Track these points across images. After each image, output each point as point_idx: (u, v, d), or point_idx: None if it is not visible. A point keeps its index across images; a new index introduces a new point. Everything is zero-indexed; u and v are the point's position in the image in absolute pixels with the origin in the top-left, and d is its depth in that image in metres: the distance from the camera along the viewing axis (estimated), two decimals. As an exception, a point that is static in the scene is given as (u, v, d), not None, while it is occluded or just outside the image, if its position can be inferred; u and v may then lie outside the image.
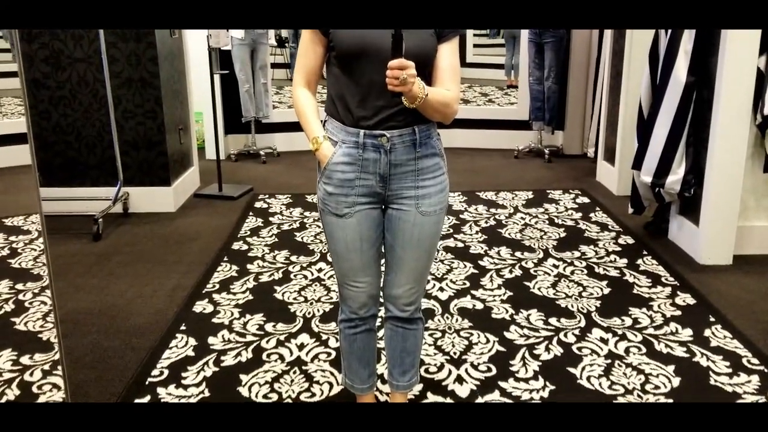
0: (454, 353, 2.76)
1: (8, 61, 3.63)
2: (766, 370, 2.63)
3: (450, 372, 2.63)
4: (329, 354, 2.76)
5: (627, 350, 2.78)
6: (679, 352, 2.78)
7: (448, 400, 2.44)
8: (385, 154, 1.89)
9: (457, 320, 3.04)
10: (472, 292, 3.33)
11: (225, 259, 3.77)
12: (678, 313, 3.11)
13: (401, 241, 1.98)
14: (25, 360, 2.72)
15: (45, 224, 2.20)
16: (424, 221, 1.96)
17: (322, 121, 1.97)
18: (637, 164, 3.95)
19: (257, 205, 4.76)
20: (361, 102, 1.86)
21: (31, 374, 2.62)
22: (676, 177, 3.74)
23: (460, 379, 2.57)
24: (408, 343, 2.16)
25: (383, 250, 2.06)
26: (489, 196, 4.94)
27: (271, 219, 4.46)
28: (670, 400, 2.44)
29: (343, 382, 2.27)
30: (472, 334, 2.91)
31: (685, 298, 3.25)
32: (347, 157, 1.90)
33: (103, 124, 4.38)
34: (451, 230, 4.21)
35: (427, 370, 2.63)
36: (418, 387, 2.49)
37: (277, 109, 6.41)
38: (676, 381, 2.57)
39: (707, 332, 2.93)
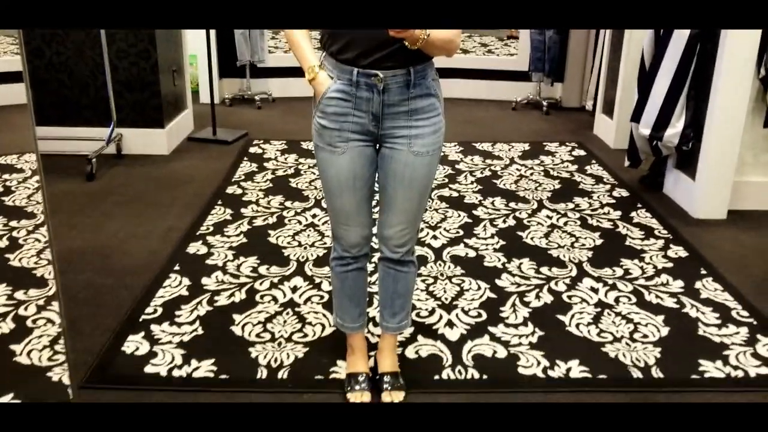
0: (446, 299, 2.78)
1: None
2: (755, 323, 2.66)
3: (441, 316, 2.65)
4: (322, 297, 2.77)
5: (617, 299, 2.80)
6: (669, 302, 2.80)
7: (438, 344, 2.47)
8: (378, 93, 1.87)
9: (449, 267, 3.05)
10: (466, 240, 3.34)
11: (219, 202, 3.75)
12: (670, 265, 3.12)
13: (393, 180, 1.98)
14: (19, 295, 2.73)
15: (41, 163, 2.18)
16: (416, 161, 1.94)
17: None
18: (636, 117, 3.93)
19: (252, 150, 4.73)
20: (357, 40, 1.83)
21: (26, 309, 2.63)
22: (674, 130, 3.72)
23: (450, 324, 2.60)
24: (399, 286, 2.17)
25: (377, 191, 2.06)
26: (485, 147, 4.91)
27: (265, 164, 4.43)
28: (659, 349, 2.47)
29: (335, 322, 2.29)
30: (463, 281, 2.93)
31: (678, 251, 3.27)
32: (341, 93, 1.88)
33: (97, 64, 4.31)
34: (447, 180, 4.20)
35: (418, 314, 2.65)
36: (409, 330, 2.51)
37: (273, 53, 6.31)
38: (664, 330, 2.59)
39: (698, 284, 2.95)
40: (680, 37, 3.60)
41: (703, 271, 3.07)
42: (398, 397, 2.15)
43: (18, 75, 2.08)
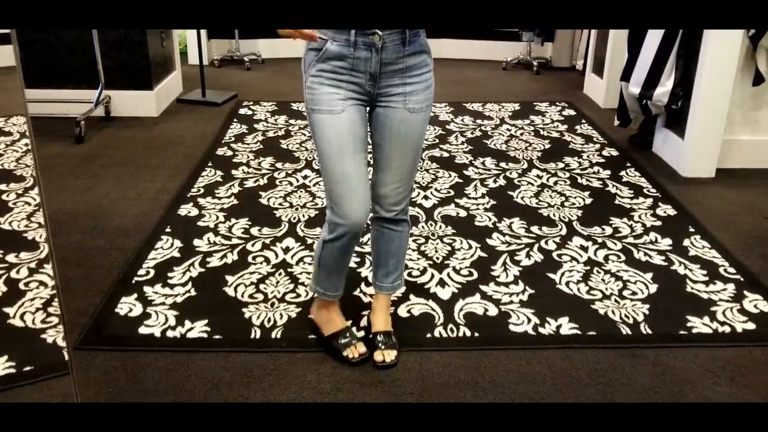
0: (437, 258, 2.80)
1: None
2: (741, 279, 2.70)
3: (433, 276, 2.67)
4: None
5: (606, 258, 2.83)
6: (658, 260, 2.83)
7: (430, 302, 2.50)
8: (376, 52, 1.86)
9: (440, 227, 3.07)
10: (456, 200, 3.35)
11: (209, 164, 3.74)
12: (658, 223, 3.15)
13: (389, 138, 1.98)
14: (11, 258, 2.72)
15: (31, 126, 2.16)
16: (411, 118, 1.96)
17: None
18: (626, 76, 3.92)
19: (241, 111, 4.70)
20: None
21: (18, 272, 2.63)
22: (664, 89, 3.72)
23: (442, 283, 2.62)
24: (393, 245, 2.18)
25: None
26: (476, 107, 4.90)
27: (255, 126, 4.41)
28: (647, 306, 2.51)
29: (315, 291, 2.22)
30: (455, 241, 2.95)
31: (666, 209, 3.29)
32: (338, 55, 1.86)
33: (82, 24, 4.24)
34: (437, 140, 4.20)
35: (410, 274, 2.67)
36: (401, 289, 2.53)
37: (261, 13, 6.22)
38: (653, 288, 2.63)
39: (686, 242, 2.98)
40: (672, -5, 3.57)
41: (691, 229, 3.10)
42: (390, 355, 2.18)
43: (3, 37, 2.04)
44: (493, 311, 2.46)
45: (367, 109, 1.99)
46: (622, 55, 4.20)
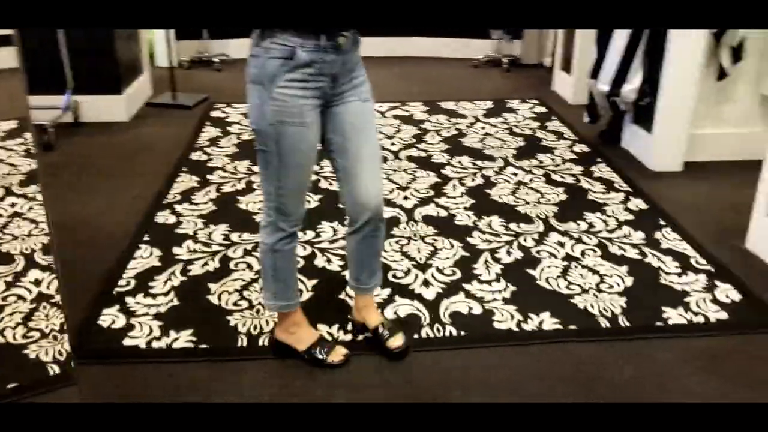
0: (420, 258, 2.83)
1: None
2: (712, 270, 2.78)
3: (416, 276, 2.70)
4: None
5: (583, 253, 2.89)
6: (632, 253, 2.90)
7: (416, 303, 2.53)
8: (341, 54, 1.90)
9: (421, 227, 3.10)
10: (436, 200, 3.38)
11: (184, 169, 3.72)
12: (631, 217, 3.23)
13: (353, 134, 2.00)
14: (-13, 273, 2.68)
15: (36, 134, 2.12)
16: (365, 108, 2.02)
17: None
18: (595, 74, 3.99)
19: (214, 114, 4.67)
20: None
21: (-7, 286, 2.59)
22: (632, 86, 3.80)
23: (426, 283, 2.65)
24: (376, 246, 2.21)
25: (333, 162, 2.08)
26: (449, 105, 4.93)
27: (229, 129, 4.39)
28: (624, 299, 2.57)
29: (276, 308, 2.21)
30: (436, 240, 2.98)
31: (638, 203, 3.37)
32: (308, 62, 1.85)
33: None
34: (414, 140, 4.23)
35: (394, 275, 2.69)
36: (387, 291, 2.56)
37: (228, 14, 6.18)
38: (629, 280, 2.70)
39: (658, 235, 3.06)
40: (638, -7, 3.65)
41: (662, 222, 3.18)
42: (400, 339, 2.23)
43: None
44: (477, 309, 2.50)
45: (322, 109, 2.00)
46: (589, 52, 4.26)
